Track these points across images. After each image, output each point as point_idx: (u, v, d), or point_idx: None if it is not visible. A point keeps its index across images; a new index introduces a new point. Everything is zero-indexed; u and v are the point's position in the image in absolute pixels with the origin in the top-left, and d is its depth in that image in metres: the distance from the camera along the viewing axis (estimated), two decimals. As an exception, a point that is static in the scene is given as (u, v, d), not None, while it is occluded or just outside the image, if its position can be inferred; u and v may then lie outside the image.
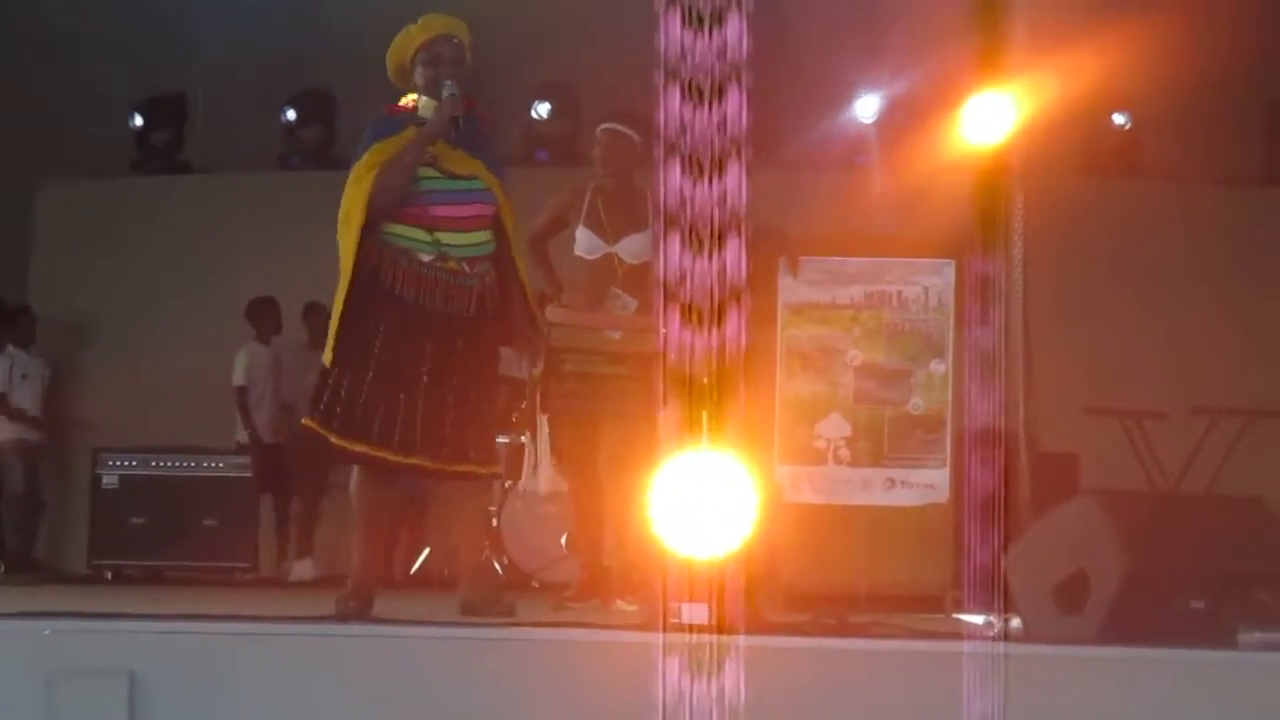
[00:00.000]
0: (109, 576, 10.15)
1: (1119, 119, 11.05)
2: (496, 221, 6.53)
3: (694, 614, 5.18)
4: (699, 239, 5.07)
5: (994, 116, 7.69)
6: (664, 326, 5.07)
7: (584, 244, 7.34)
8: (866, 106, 11.09)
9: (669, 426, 5.31)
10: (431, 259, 6.37)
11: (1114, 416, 9.17)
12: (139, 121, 11.77)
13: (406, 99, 6.56)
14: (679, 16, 5.09)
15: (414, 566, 10.04)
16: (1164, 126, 10.81)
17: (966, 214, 7.75)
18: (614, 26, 7.30)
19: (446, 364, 6.34)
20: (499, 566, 9.54)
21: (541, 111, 11.29)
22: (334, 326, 6.32)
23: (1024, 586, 6.03)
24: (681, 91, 5.11)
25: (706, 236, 5.06)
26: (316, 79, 11.38)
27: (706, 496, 5.18)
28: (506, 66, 9.97)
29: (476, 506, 6.99)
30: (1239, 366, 10.28)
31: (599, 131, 7.48)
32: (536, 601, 7.37)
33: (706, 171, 5.10)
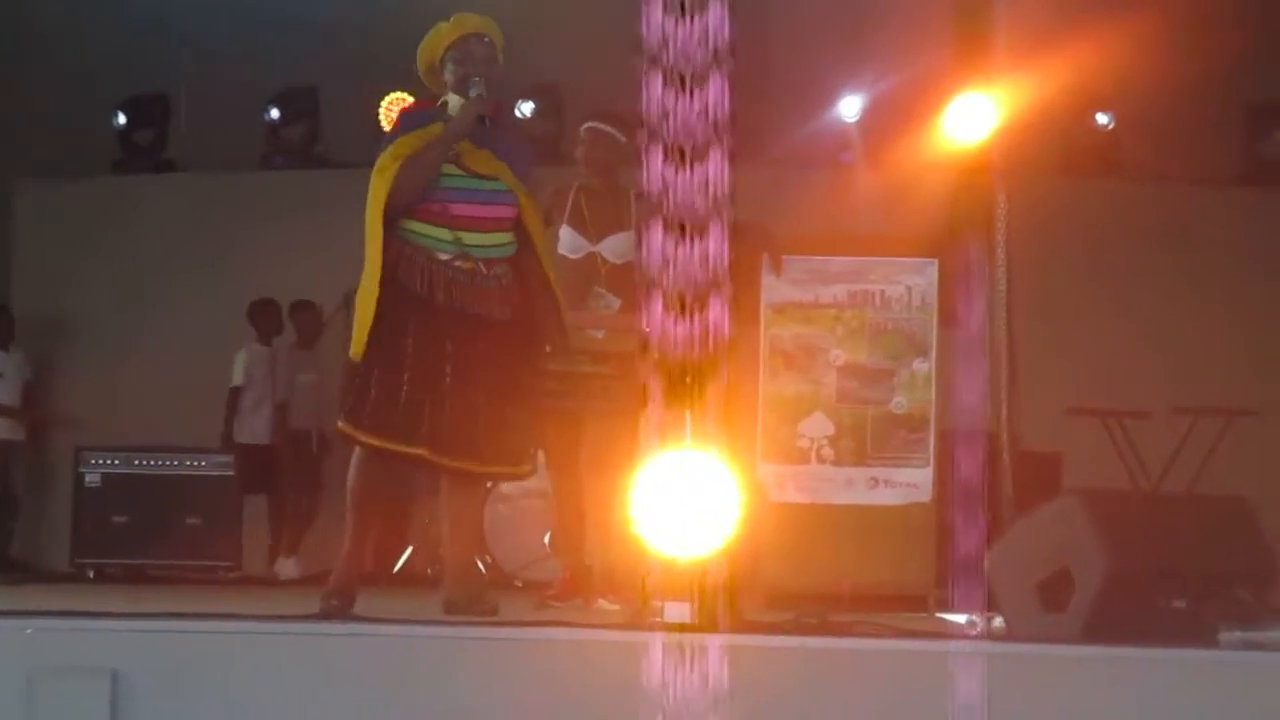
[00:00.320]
0: (91, 575, 10.10)
1: (1101, 119, 11.07)
2: (518, 225, 6.49)
3: (676, 613, 5.18)
4: (681, 225, 5.07)
5: (976, 116, 7.71)
6: (646, 321, 5.07)
7: (567, 243, 7.33)
8: (849, 106, 11.12)
9: (651, 425, 5.30)
10: (450, 257, 6.34)
11: (1096, 416, 9.21)
12: (122, 120, 11.72)
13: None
14: (661, 3, 5.10)
15: (397, 565, 10.05)
16: (1145, 127, 10.83)
17: (949, 213, 7.78)
18: (598, 26, 7.30)
19: (469, 363, 6.29)
20: (482, 565, 9.53)
21: (525, 111, 11.28)
22: (363, 321, 6.22)
23: (1007, 585, 6.04)
24: (664, 78, 5.11)
25: (689, 223, 5.07)
26: (300, 78, 11.35)
27: (689, 495, 5.19)
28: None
29: (471, 505, 6.97)
30: (1221, 366, 10.31)
31: (583, 130, 7.47)
32: (519, 600, 7.38)
33: (688, 158, 5.11)
